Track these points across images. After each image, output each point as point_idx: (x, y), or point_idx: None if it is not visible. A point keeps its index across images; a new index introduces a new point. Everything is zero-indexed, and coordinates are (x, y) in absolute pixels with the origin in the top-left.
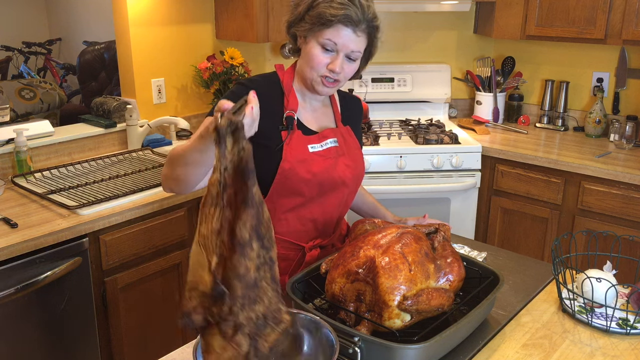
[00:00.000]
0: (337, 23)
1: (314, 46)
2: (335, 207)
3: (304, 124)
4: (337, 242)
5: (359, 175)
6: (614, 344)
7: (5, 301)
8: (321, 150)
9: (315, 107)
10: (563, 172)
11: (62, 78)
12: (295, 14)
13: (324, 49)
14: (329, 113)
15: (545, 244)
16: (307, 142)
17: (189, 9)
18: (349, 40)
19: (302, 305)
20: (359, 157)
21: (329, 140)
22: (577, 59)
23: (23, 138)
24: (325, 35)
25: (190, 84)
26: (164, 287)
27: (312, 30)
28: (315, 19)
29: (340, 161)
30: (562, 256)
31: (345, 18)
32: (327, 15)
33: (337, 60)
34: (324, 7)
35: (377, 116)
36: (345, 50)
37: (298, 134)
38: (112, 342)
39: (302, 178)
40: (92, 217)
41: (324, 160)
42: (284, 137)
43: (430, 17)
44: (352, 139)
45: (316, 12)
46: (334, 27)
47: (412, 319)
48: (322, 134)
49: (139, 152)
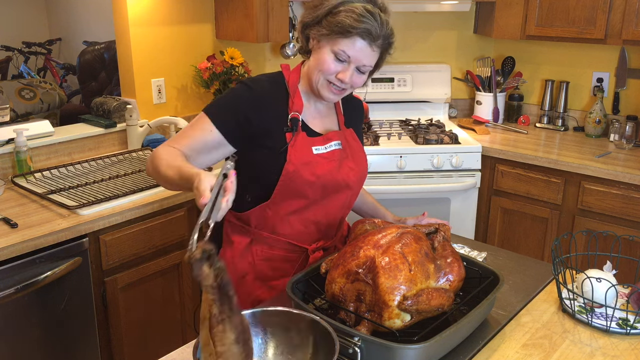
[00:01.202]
0: (355, 35)
1: (327, 53)
2: (338, 209)
3: (308, 126)
4: (339, 244)
5: (362, 177)
6: (614, 344)
7: (5, 301)
8: (325, 152)
9: (319, 110)
10: (563, 172)
11: (62, 78)
12: (313, 15)
13: (336, 57)
14: (332, 116)
15: (545, 244)
16: (311, 144)
17: (189, 9)
18: (363, 54)
19: (302, 305)
20: (363, 160)
21: (333, 143)
22: (577, 59)
23: (23, 138)
24: (341, 45)
25: (190, 84)
26: (164, 287)
27: (329, 36)
28: (334, 27)
29: (344, 164)
30: (562, 256)
31: (364, 32)
32: (346, 26)
33: (348, 71)
34: (345, 17)
35: (377, 116)
36: (357, 63)
37: (302, 136)
38: (112, 342)
39: (306, 180)
40: (92, 217)
41: (328, 162)
42: (289, 139)
43: (430, 17)
44: (355, 141)
45: (336, 20)
46: (351, 39)
47: (412, 319)
48: (327, 136)
49: (139, 152)
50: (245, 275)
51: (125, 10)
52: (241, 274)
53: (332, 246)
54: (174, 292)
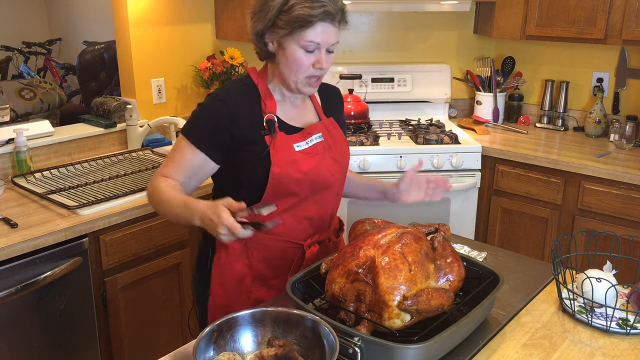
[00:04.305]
0: (317, 21)
1: (295, 50)
2: (328, 202)
3: (286, 123)
4: (332, 236)
5: (345, 165)
6: (614, 344)
7: (5, 301)
8: (307, 147)
9: (296, 104)
10: (563, 172)
11: (62, 78)
12: (263, 21)
13: (306, 50)
14: (309, 107)
15: (545, 244)
16: (292, 141)
17: (189, 9)
18: (329, 35)
19: (302, 306)
20: (345, 149)
21: (314, 137)
22: (577, 59)
23: (23, 138)
24: (307, 36)
25: (190, 84)
26: (164, 287)
27: (291, 34)
28: (293, 22)
29: (328, 156)
30: (562, 256)
31: (324, 15)
32: (305, 17)
33: (322, 56)
34: (300, 9)
35: (377, 116)
36: (326, 45)
37: (281, 136)
38: (112, 342)
39: (294, 179)
40: (92, 217)
41: (311, 157)
42: (269, 142)
43: (430, 17)
44: (336, 130)
45: (292, 16)
46: (314, 27)
47: (412, 319)
48: (307, 130)
49: (139, 152)
50: (244, 278)
51: (125, 10)
52: (240, 277)
53: (326, 238)
54: (174, 292)
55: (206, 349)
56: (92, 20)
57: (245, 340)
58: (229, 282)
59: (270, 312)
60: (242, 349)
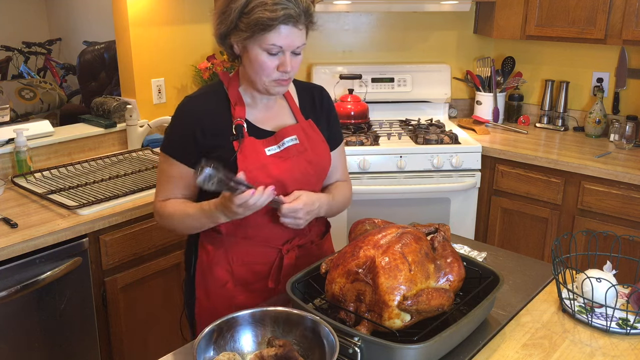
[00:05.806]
0: (278, 25)
1: (258, 53)
2: None
3: (259, 127)
4: (316, 238)
5: (323, 169)
6: (614, 344)
7: (5, 301)
8: (279, 151)
9: (269, 105)
10: (563, 172)
11: (62, 78)
12: (226, 23)
13: (269, 53)
14: (285, 109)
15: (545, 244)
16: (263, 146)
17: (189, 9)
18: (293, 38)
19: (302, 306)
20: (323, 151)
21: (287, 140)
22: (577, 59)
23: (23, 138)
24: (268, 40)
25: (190, 84)
26: (164, 287)
27: (252, 37)
28: (253, 26)
29: (302, 159)
30: (562, 256)
31: (285, 18)
32: (265, 20)
33: (286, 60)
34: (260, 12)
35: (377, 116)
36: (290, 48)
37: (251, 141)
38: (112, 342)
39: (263, 184)
40: (92, 217)
41: (283, 161)
42: (236, 147)
43: (430, 17)
44: (315, 133)
45: (252, 19)
46: (275, 30)
47: (412, 319)
48: (279, 134)
49: (139, 152)
50: (225, 283)
51: (125, 10)
52: (221, 283)
53: (309, 242)
54: (174, 292)
55: (206, 349)
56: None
57: (245, 340)
58: (212, 287)
59: (270, 312)
60: (242, 349)
